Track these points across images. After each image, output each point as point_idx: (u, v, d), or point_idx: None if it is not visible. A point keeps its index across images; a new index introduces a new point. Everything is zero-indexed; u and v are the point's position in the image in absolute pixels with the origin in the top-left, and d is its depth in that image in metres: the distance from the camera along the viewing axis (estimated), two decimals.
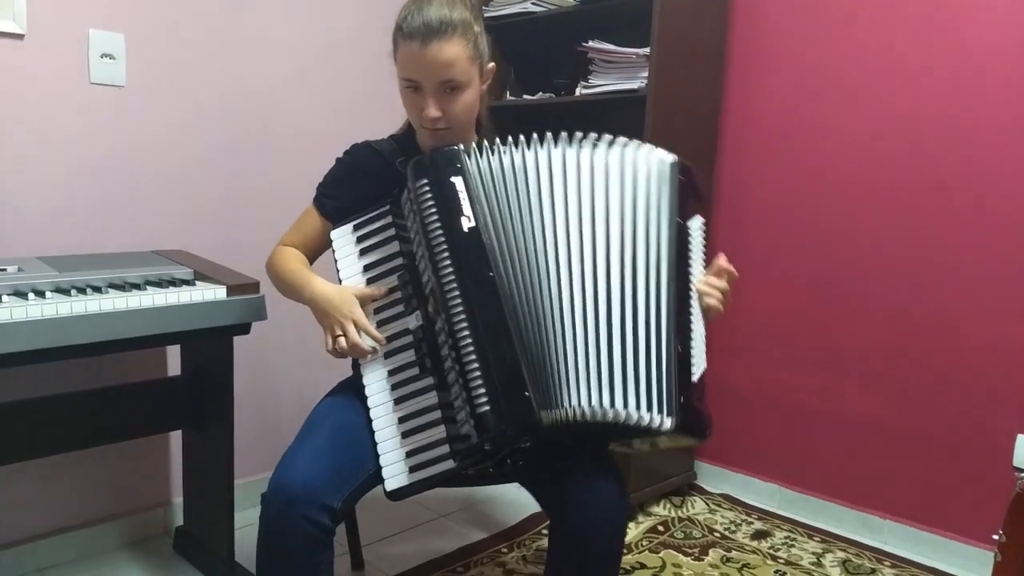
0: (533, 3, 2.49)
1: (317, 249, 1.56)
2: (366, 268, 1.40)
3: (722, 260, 1.41)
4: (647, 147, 1.39)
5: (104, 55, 1.93)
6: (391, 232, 1.39)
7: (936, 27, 2.06)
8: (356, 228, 1.42)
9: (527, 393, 1.19)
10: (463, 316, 1.21)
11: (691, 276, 1.36)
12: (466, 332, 1.21)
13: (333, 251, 1.44)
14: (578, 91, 2.43)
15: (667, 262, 1.32)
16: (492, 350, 1.20)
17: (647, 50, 2.19)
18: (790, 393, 2.40)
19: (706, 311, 1.37)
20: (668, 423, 1.25)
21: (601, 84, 2.35)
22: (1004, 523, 1.40)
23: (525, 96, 2.63)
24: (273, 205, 2.24)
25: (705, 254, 1.43)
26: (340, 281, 1.41)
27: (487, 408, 1.18)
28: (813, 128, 2.30)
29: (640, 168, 1.36)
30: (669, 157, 1.40)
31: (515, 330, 1.22)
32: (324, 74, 2.34)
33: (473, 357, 1.20)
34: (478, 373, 1.19)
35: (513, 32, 2.66)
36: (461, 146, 1.33)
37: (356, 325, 1.33)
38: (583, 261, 1.29)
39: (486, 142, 1.35)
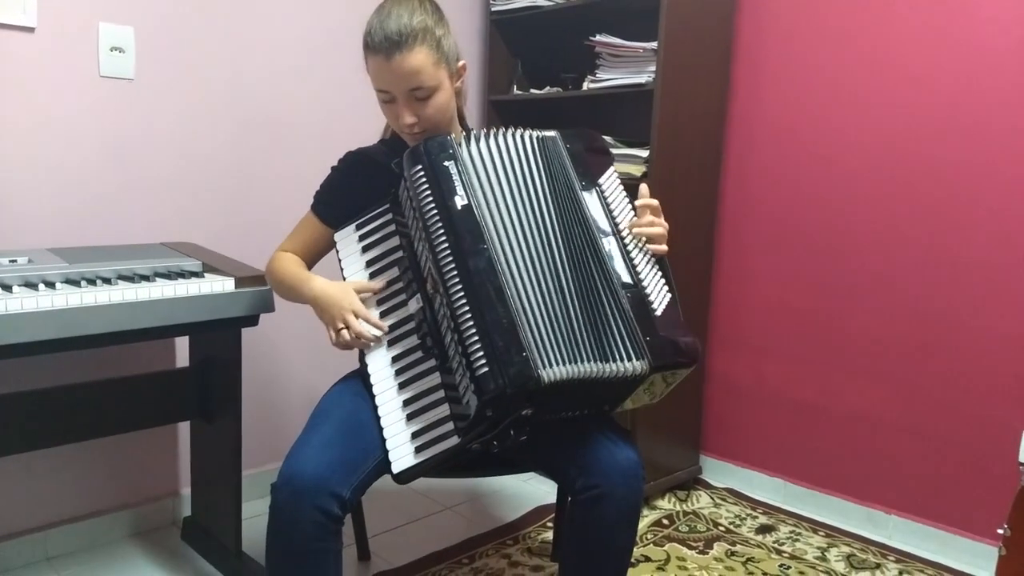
0: None
1: (315, 255, 1.61)
2: (368, 264, 1.45)
3: (641, 197, 1.43)
4: (525, 131, 1.42)
5: (114, 48, 1.94)
6: (391, 228, 1.44)
7: (942, 25, 2.05)
8: (358, 227, 1.47)
9: (525, 353, 1.21)
10: (459, 287, 1.24)
11: (619, 226, 1.39)
12: (463, 301, 1.24)
13: (337, 252, 1.48)
14: (585, 85, 2.43)
15: (583, 224, 1.36)
16: (489, 315, 1.23)
17: (655, 44, 2.19)
18: (795, 388, 2.40)
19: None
20: (644, 365, 1.28)
21: (608, 78, 2.35)
22: (1009, 518, 1.40)
23: (532, 90, 2.63)
24: (282, 198, 2.25)
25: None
26: (344, 280, 1.45)
27: (486, 370, 1.20)
28: (819, 124, 2.29)
29: (530, 148, 1.40)
30: (549, 132, 1.44)
31: (511, 297, 1.25)
32: (333, 66, 2.34)
33: (471, 323, 1.22)
34: (476, 338, 1.21)
35: (520, 26, 2.66)
36: (452, 135, 1.37)
37: (357, 315, 1.37)
38: (527, 235, 1.33)
39: (474, 132, 1.39)
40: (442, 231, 1.27)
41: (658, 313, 1.32)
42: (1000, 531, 1.41)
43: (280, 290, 1.57)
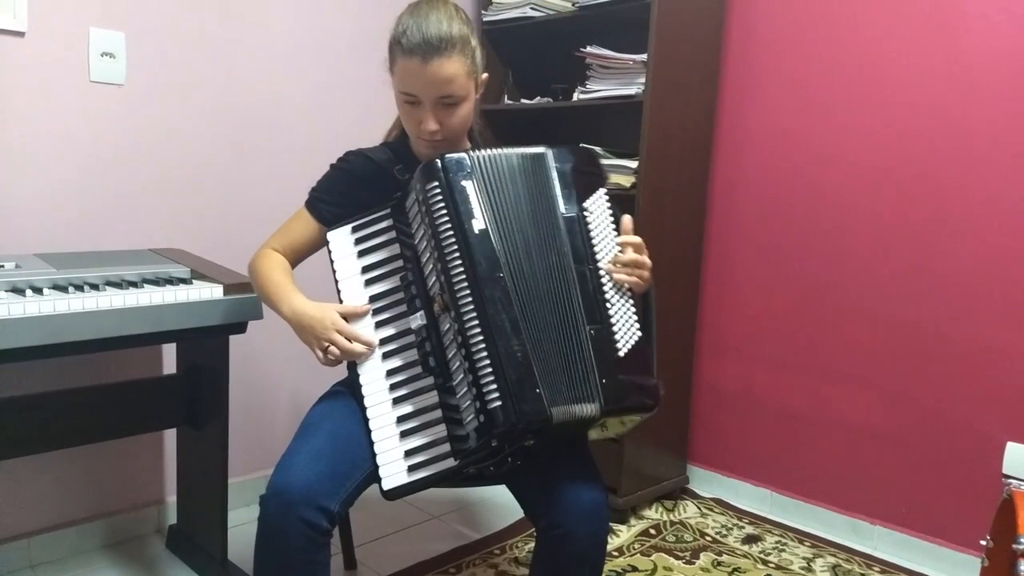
0: (532, 8, 2.51)
1: (304, 253, 1.57)
2: (364, 269, 1.41)
3: (624, 230, 1.37)
4: (516, 148, 1.37)
5: (104, 53, 1.93)
6: (392, 235, 1.41)
7: (930, 34, 2.08)
8: (355, 230, 1.43)
9: (538, 390, 1.22)
10: (474, 314, 1.23)
11: (595, 255, 1.33)
12: (477, 330, 1.23)
13: (329, 252, 1.45)
14: (575, 96, 2.45)
15: (559, 252, 1.31)
16: (504, 347, 1.22)
17: (644, 56, 2.21)
18: (782, 398, 2.41)
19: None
20: (594, 409, 1.26)
21: (598, 89, 2.37)
22: (992, 529, 1.41)
23: (523, 100, 2.64)
24: (271, 204, 2.24)
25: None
26: (336, 282, 1.42)
27: (498, 403, 1.20)
28: (805, 134, 2.31)
29: (510, 167, 1.34)
30: (536, 149, 1.37)
31: (524, 328, 1.25)
32: (323, 73, 2.34)
33: (484, 354, 1.22)
34: (489, 369, 1.21)
35: (511, 36, 2.67)
36: (470, 151, 1.34)
37: (341, 333, 1.35)
38: (530, 263, 1.30)
39: (481, 150, 1.35)
40: (457, 254, 1.25)
41: (621, 354, 1.29)
42: (983, 542, 1.42)
43: (259, 293, 1.53)
